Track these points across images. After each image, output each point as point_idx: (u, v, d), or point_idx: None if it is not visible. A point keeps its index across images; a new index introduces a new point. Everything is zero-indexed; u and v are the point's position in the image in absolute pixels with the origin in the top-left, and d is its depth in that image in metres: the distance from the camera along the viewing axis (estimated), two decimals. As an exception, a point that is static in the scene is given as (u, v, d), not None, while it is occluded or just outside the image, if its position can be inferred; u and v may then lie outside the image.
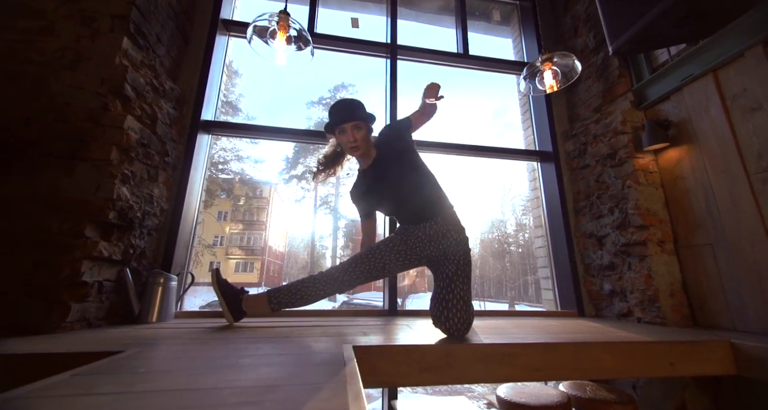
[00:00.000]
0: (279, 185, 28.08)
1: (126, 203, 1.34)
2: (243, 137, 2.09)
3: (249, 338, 1.05)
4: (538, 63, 1.56)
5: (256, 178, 26.45)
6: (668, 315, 1.54)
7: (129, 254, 1.40)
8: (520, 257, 27.83)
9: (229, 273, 24.79)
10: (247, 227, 26.56)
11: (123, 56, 1.41)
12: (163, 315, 1.44)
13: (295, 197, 27.56)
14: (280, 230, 31.50)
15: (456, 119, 44.26)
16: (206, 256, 23.20)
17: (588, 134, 2.07)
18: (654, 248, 1.63)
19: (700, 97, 1.57)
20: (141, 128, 1.45)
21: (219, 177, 22.25)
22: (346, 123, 1.32)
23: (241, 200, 26.19)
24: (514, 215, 29.26)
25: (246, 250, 25.84)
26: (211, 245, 23.88)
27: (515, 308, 20.38)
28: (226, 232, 25.76)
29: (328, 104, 20.56)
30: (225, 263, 24.96)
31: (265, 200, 27.62)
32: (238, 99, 22.88)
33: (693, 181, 1.59)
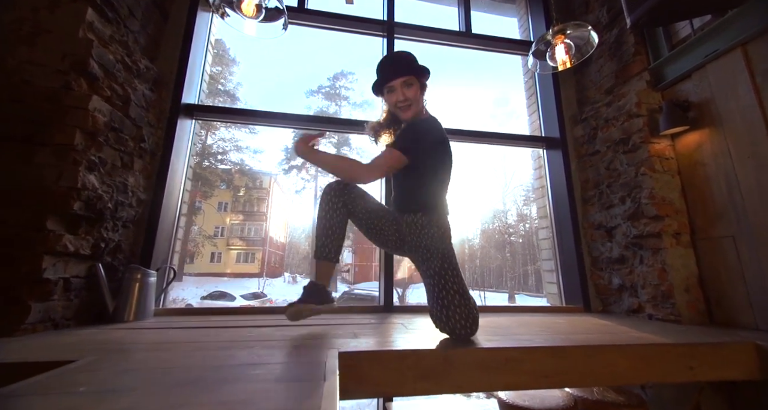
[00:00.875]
0: (279, 175, 27.92)
1: (94, 192, 1.22)
2: (229, 121, 1.96)
3: (225, 342, 0.95)
4: (549, 36, 1.41)
5: (255, 168, 26.30)
6: (683, 311, 1.43)
7: (100, 249, 1.29)
8: (521, 248, 27.86)
9: (231, 264, 24.93)
10: (248, 218, 26.55)
11: (88, 29, 1.27)
12: (141, 312, 1.34)
13: (296, 187, 27.45)
14: (280, 221, 31.50)
15: (455, 107, 43.49)
16: (207, 247, 23.28)
17: (599, 118, 1.93)
18: (669, 240, 1.51)
19: (726, 74, 1.43)
20: (111, 110, 1.32)
21: (218, 168, 22.10)
22: (395, 79, 1.19)
23: (241, 190, 26.10)
24: (515, 205, 29.13)
25: (247, 241, 25.90)
26: (212, 236, 23.91)
27: (515, 298, 20.50)
28: (226, 223, 25.77)
29: (328, 93, 20.38)
30: (226, 253, 25.07)
31: (265, 191, 27.52)
32: (236, 88, 22.52)
33: (714, 167, 1.46)
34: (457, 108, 41.41)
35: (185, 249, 20.91)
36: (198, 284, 18.93)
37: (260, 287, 18.71)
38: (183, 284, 19.44)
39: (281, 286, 22.47)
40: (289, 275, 27.91)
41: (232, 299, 12.53)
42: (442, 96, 44.49)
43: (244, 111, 1.92)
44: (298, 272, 31.40)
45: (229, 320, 1.36)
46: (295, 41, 6.34)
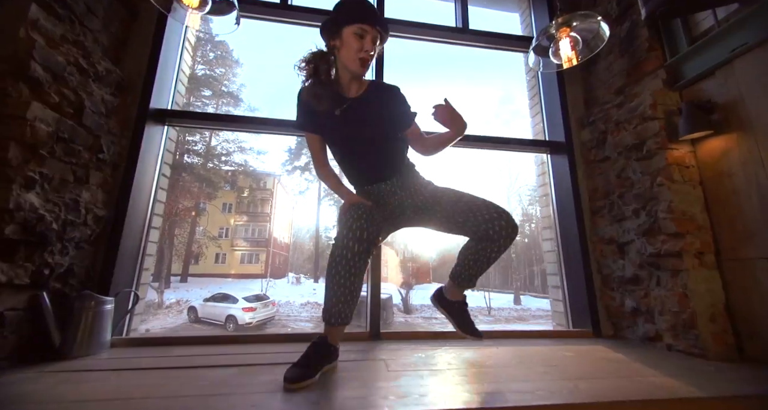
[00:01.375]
0: (282, 176, 27.97)
1: (33, 213, 1.08)
2: (204, 127, 1.81)
3: (182, 398, 0.80)
4: (552, 29, 1.24)
5: (259, 169, 26.35)
6: (709, 344, 1.25)
7: (44, 276, 1.15)
8: (526, 248, 27.50)
9: (235, 265, 25.00)
10: (252, 219, 26.61)
11: (31, 28, 1.13)
12: (93, 345, 1.20)
13: (299, 188, 27.46)
14: (284, 222, 31.54)
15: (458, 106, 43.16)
16: (211, 248, 23.37)
17: (608, 121, 1.75)
18: (691, 261, 1.33)
19: (757, 71, 1.24)
20: (58, 118, 1.18)
21: (222, 169, 22.15)
22: (372, 25, 1.05)
23: (245, 191, 26.17)
24: (520, 204, 28.79)
25: (251, 242, 25.95)
26: (217, 237, 23.98)
27: (521, 299, 20.19)
28: (231, 224, 25.85)
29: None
30: (231, 254, 25.14)
31: (269, 192, 27.56)
32: (239, 89, 22.54)
33: (744, 178, 1.28)
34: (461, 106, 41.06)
35: (189, 251, 21.00)
36: (202, 284, 18.98)
37: (263, 288, 18.66)
38: (188, 285, 19.51)
39: (285, 287, 22.43)
40: (293, 275, 27.90)
41: (234, 302, 12.47)
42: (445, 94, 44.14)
43: (221, 116, 1.78)
44: (302, 272, 31.40)
45: (195, 354, 1.21)
46: (303, 40, 6.19)
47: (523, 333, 1.66)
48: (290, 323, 12.74)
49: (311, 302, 15.96)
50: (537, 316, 15.23)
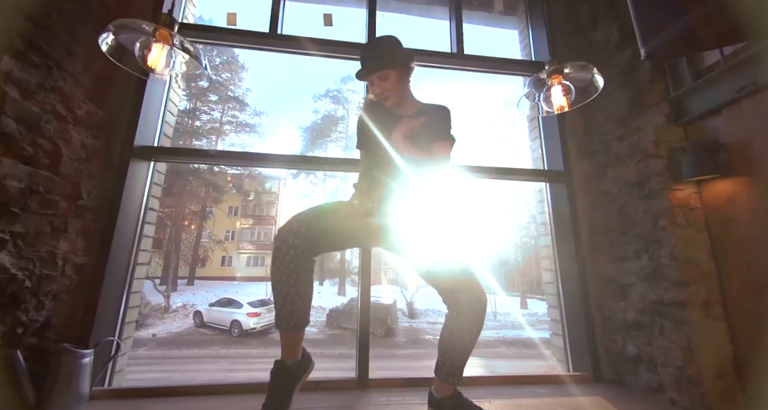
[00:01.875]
0: (287, 179, 28.11)
1: (4, 273, 1.05)
2: (193, 162, 1.77)
3: None
4: (543, 76, 1.18)
5: (265, 173, 26.54)
6: (714, 403, 1.17)
7: (17, 335, 1.12)
8: (533, 250, 27.20)
9: (241, 268, 25.19)
10: (257, 222, 26.81)
11: (5, 81, 1.10)
12: (69, 401, 1.16)
13: (304, 191, 27.56)
14: (290, 225, 31.66)
15: (465, 107, 43.08)
16: (217, 251, 23.58)
17: (609, 153, 1.67)
18: (696, 312, 1.25)
19: (764, 113, 1.16)
20: (32, 171, 1.15)
21: (228, 172, 22.38)
22: (370, 74, 1.16)
23: (250, 195, 26.38)
24: (526, 205, 28.52)
25: (257, 244, 26.13)
26: (222, 240, 24.21)
27: (527, 302, 19.93)
28: (236, 227, 26.08)
29: (335, 97, 20.58)
30: (237, 257, 25.35)
31: (275, 195, 27.74)
32: (245, 94, 22.75)
33: (753, 226, 1.19)
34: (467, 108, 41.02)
35: (196, 255, 21.23)
36: (208, 287, 19.15)
37: (267, 293, 18.75)
38: (194, 288, 19.70)
39: (290, 290, 22.46)
40: (298, 278, 27.97)
41: (239, 307, 12.57)
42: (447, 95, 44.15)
43: (208, 152, 1.74)
44: (307, 275, 31.38)
45: (179, 407, 1.17)
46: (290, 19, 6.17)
47: (521, 378, 1.58)
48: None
49: (315, 306, 15.98)
50: (543, 321, 15.01)
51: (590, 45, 1.90)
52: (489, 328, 13.54)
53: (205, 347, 10.73)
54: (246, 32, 1.89)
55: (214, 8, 3.47)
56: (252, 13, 1.34)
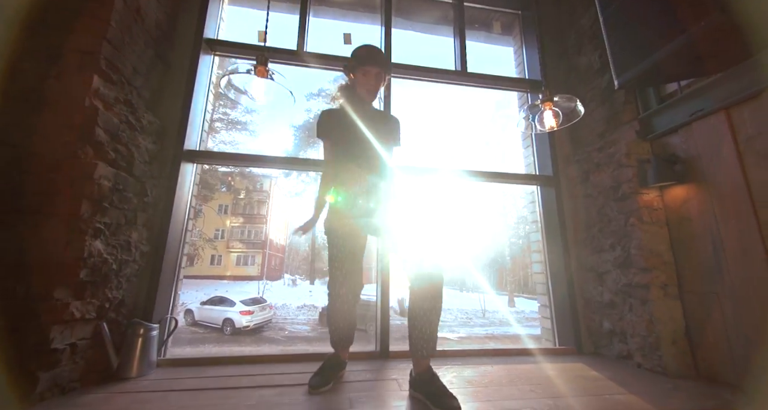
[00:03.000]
0: (279, 178, 28.04)
1: (99, 258, 1.27)
2: (230, 165, 1.99)
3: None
4: (538, 102, 1.46)
5: (256, 171, 26.42)
6: (669, 364, 1.48)
7: (105, 309, 1.34)
8: (520, 250, 27.87)
9: (230, 267, 24.99)
10: (248, 221, 26.66)
11: (94, 96, 1.32)
12: (144, 367, 1.39)
13: (296, 190, 27.52)
14: (281, 223, 31.59)
15: (458, 110, 43.57)
16: (207, 250, 23.35)
17: (591, 162, 1.98)
18: (657, 292, 1.56)
19: (710, 135, 1.47)
20: (115, 173, 1.37)
21: (219, 170, 22.24)
22: (375, 67, 1.39)
23: (241, 193, 26.20)
24: (514, 207, 29.22)
25: (247, 243, 25.99)
26: (212, 238, 23.99)
27: (515, 301, 20.48)
28: (226, 225, 25.87)
29: (329, 96, 20.70)
30: (226, 256, 25.15)
31: (266, 194, 27.62)
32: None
33: (700, 224, 1.51)
34: (460, 111, 41.46)
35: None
36: (198, 287, 18.99)
37: (260, 291, 18.72)
38: (182, 287, 19.50)
39: (281, 289, 22.49)
40: (289, 277, 27.97)
41: (231, 305, 12.54)
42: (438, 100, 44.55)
43: (242, 156, 1.97)
44: (297, 274, 31.46)
45: (231, 374, 1.41)
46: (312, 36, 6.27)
47: (516, 350, 1.88)
48: (287, 326, 12.84)
49: (308, 305, 16.07)
50: (530, 318, 15.53)
51: (576, 68, 2.20)
52: (478, 325, 13.94)
53: (197, 345, 10.73)
54: (276, 49, 2.12)
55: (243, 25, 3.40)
56: (276, 31, 1.61)
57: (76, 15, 1.35)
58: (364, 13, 2.56)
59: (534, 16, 2.48)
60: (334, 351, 1.41)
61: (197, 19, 2.00)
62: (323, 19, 2.56)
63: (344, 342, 1.39)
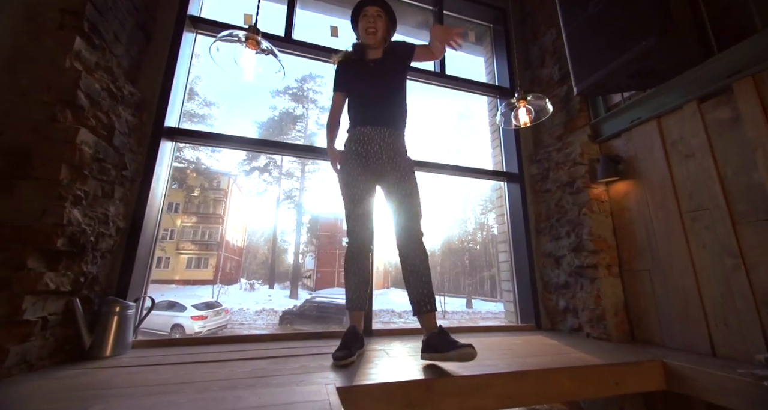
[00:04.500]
0: (239, 176, 26.70)
1: (78, 227, 1.20)
2: (210, 145, 1.96)
3: (224, 381, 1.01)
4: (514, 100, 1.66)
5: (213, 168, 24.90)
6: (612, 331, 1.73)
7: (80, 284, 1.26)
8: (478, 255, 29.30)
9: (180, 270, 23.15)
10: (202, 221, 24.95)
11: (75, 58, 1.25)
12: (119, 347, 1.32)
13: (257, 190, 26.36)
14: (239, 224, 29.98)
15: (422, 120, 44.96)
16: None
17: (551, 161, 2.24)
18: (603, 271, 1.82)
19: (645, 139, 1.77)
20: (96, 140, 1.31)
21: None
22: (370, 6, 1.48)
23: (195, 191, 24.49)
24: (473, 214, 30.73)
25: (200, 245, 24.28)
26: (160, 239, 22.13)
27: (472, 303, 21.48)
28: (177, 225, 23.98)
29: (295, 94, 20.13)
30: (175, 258, 23.26)
31: (223, 192, 26.10)
32: (194, 81, 21.28)
33: (637, 213, 1.80)
34: (424, 120, 42.83)
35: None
36: (162, 292, 17.34)
37: (214, 295, 17.58)
38: (122, 292, 17.66)
39: (237, 293, 21.31)
40: (246, 281, 26.58)
41: (182, 310, 11.65)
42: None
43: (226, 137, 1.94)
44: (255, 278, 30.00)
45: (216, 351, 1.39)
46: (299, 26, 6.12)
47: (485, 327, 2.05)
48: (244, 331, 12.23)
49: (267, 310, 15.43)
50: (486, 318, 16.39)
51: (539, 78, 2.49)
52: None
53: (141, 353, 9.79)
54: (263, 34, 2.12)
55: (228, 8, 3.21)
56: (265, 18, 1.66)
57: (59, -28, 1.28)
58: (349, 10, 2.64)
59: (503, 30, 2.76)
60: (351, 320, 1.39)
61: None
62: (310, 12, 2.60)
63: (361, 299, 1.39)
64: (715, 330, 1.42)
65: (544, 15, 2.50)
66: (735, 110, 1.41)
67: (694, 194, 1.54)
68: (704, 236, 1.49)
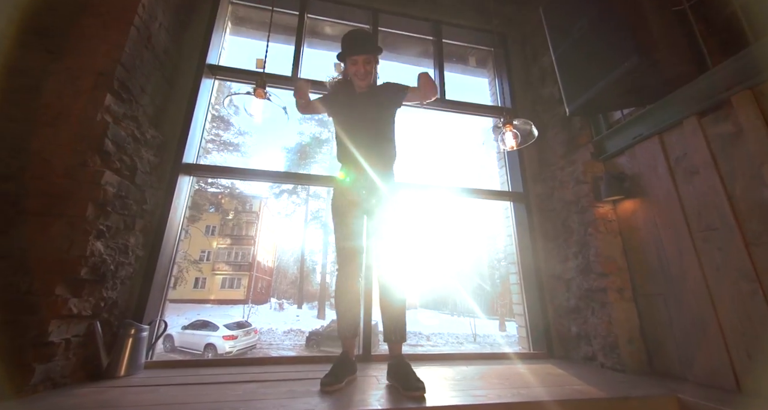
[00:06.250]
0: (269, 199, 27.98)
1: (99, 258, 1.37)
2: (224, 177, 2.12)
3: (211, 403, 1.07)
4: (500, 124, 1.69)
5: (246, 192, 26.35)
6: (626, 361, 1.61)
7: (100, 308, 1.41)
8: (507, 273, 27.85)
9: (215, 290, 24.16)
10: (236, 242, 26.16)
11: (105, 112, 1.47)
12: (132, 367, 1.44)
13: (286, 211, 27.41)
14: (269, 245, 31.08)
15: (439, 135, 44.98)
16: (191, 272, 22.64)
17: (555, 179, 2.20)
18: (614, 295, 1.72)
19: (648, 156, 1.71)
20: (119, 180, 1.50)
21: (208, 191, 22.14)
22: (359, 55, 1.51)
23: (230, 214, 25.90)
24: (504, 228, 29.56)
25: (233, 265, 25.35)
26: (198, 260, 23.37)
27: (506, 325, 20.30)
28: (213, 247, 25.30)
29: (321, 120, 20.91)
30: (211, 279, 24.38)
31: (255, 215, 27.37)
32: (229, 114, 23.13)
33: (646, 233, 1.70)
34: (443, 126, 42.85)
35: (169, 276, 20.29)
36: (179, 311, 18.23)
37: (245, 315, 18.07)
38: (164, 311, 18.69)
39: (267, 313, 21.75)
40: (275, 301, 27.13)
41: (215, 329, 12.06)
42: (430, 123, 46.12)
43: (239, 170, 2.12)
44: (285, 298, 30.54)
45: (217, 373, 1.47)
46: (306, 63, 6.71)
47: (492, 354, 1.98)
48: (272, 352, 12.37)
49: (294, 330, 15.56)
50: (514, 343, 15.39)
51: (540, 97, 2.49)
52: (469, 350, 13.71)
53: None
54: (272, 75, 2.34)
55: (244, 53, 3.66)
56: (275, 59, 1.83)
57: (96, 41, 1.53)
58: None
59: (504, 52, 2.81)
60: (343, 347, 1.44)
61: (201, 46, 2.22)
62: (316, 50, 2.83)
63: (351, 327, 1.42)
64: (738, 362, 1.28)
65: (542, 37, 2.52)
66: (737, 125, 1.35)
67: (702, 213, 1.45)
68: (717, 258, 1.38)
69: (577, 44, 1.63)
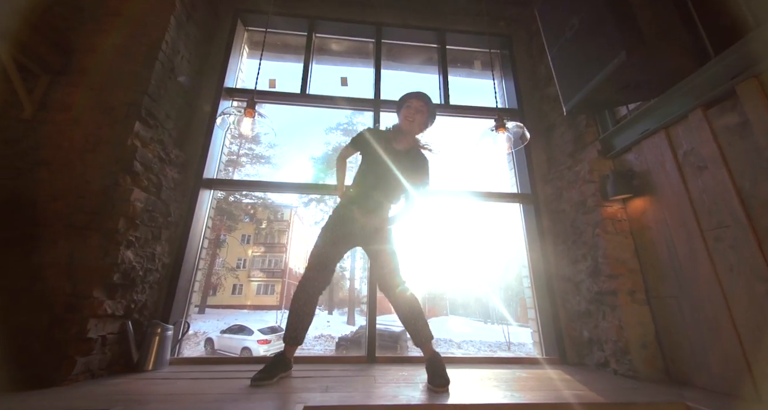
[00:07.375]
0: (299, 207, 28.98)
1: (129, 265, 1.56)
2: (243, 190, 2.30)
3: (219, 395, 1.19)
4: (491, 129, 1.70)
5: (277, 202, 27.51)
6: (640, 367, 1.53)
7: (131, 309, 1.60)
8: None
9: (251, 296, 25.29)
10: (269, 250, 27.30)
11: (135, 137, 1.69)
12: (159, 362, 1.61)
13: (315, 219, 28.21)
14: (300, 252, 32.09)
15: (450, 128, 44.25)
16: (229, 279, 23.92)
17: (563, 180, 2.15)
18: (624, 298, 1.64)
19: (656, 151, 1.63)
20: (147, 197, 1.70)
21: (243, 202, 23.43)
22: (416, 100, 1.61)
23: (263, 223, 27.15)
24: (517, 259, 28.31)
25: (267, 272, 26.42)
26: (235, 268, 24.65)
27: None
28: (248, 255, 26.59)
29: (346, 130, 21.50)
30: (247, 285, 25.57)
31: (286, 223, 28.43)
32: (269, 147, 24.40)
33: (657, 232, 1.62)
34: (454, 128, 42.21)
35: (208, 283, 21.63)
36: (219, 316, 19.28)
37: (278, 320, 18.71)
38: (205, 316, 19.87)
39: (299, 319, 22.28)
40: (307, 307, 27.77)
41: (250, 333, 12.57)
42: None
43: (256, 183, 2.30)
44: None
45: (233, 370, 1.60)
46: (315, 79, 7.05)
47: (501, 359, 1.95)
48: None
49: (325, 335, 15.83)
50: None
51: (547, 97, 2.45)
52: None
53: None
54: (283, 94, 2.52)
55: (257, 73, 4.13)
56: (284, 77, 1.97)
57: (127, 76, 1.77)
58: (359, 59, 2.97)
59: (509, 53, 2.80)
60: (284, 348, 1.49)
61: (219, 72, 2.44)
62: (324, 65, 2.99)
63: (297, 334, 1.48)
64: (757, 369, 1.19)
65: (545, 35, 2.50)
66: (743, 115, 1.27)
67: (713, 210, 1.37)
68: (730, 257, 1.30)
69: (570, 43, 1.62)
